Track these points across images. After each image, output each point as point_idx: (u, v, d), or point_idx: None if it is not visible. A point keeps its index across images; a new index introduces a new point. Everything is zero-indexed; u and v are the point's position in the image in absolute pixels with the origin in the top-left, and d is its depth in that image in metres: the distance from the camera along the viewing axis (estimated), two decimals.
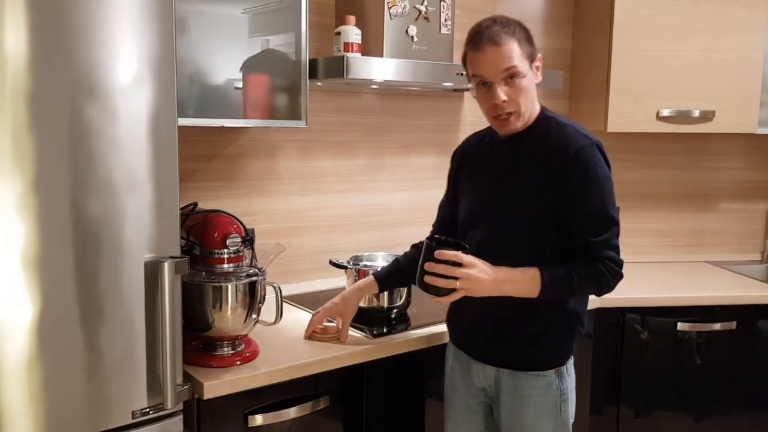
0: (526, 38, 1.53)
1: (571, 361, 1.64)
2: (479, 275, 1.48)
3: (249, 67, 1.79)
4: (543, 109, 1.61)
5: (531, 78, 1.54)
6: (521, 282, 1.51)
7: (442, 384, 1.78)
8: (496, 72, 1.50)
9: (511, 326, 1.59)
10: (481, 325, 1.63)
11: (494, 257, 1.52)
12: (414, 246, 1.83)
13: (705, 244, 2.96)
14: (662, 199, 2.91)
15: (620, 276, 1.55)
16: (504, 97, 1.51)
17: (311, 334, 1.79)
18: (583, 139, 1.52)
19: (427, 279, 1.49)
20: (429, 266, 1.48)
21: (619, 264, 1.54)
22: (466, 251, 1.50)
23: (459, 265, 1.47)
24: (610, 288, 1.56)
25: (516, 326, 1.59)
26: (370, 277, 1.82)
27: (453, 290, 1.48)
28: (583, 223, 1.51)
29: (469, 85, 1.60)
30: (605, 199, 1.52)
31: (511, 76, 1.50)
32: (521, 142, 1.59)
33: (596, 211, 1.51)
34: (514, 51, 1.50)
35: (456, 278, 1.46)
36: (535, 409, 1.59)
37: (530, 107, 1.56)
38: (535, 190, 1.54)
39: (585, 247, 1.52)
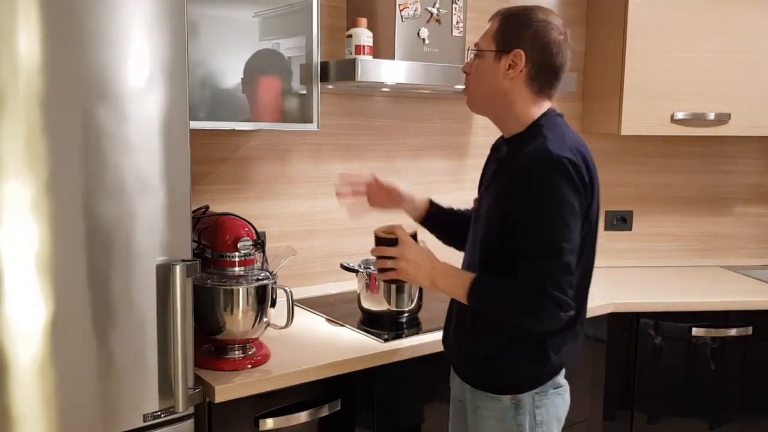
0: (516, 27, 1.43)
1: (544, 395, 1.48)
2: (412, 257, 1.47)
3: (259, 69, 1.78)
4: (543, 116, 1.47)
5: (489, 65, 1.45)
6: (453, 279, 1.46)
7: None
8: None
9: (468, 340, 1.52)
10: (450, 335, 1.59)
11: (464, 262, 1.56)
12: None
13: (720, 248, 2.93)
14: (677, 203, 2.89)
15: (557, 319, 1.35)
16: (464, 68, 1.52)
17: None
18: (545, 153, 1.35)
19: (376, 263, 1.54)
20: (374, 250, 1.54)
21: (560, 304, 1.33)
22: (413, 237, 1.52)
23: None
24: (542, 326, 1.40)
25: (471, 340, 1.51)
26: (426, 197, 1.76)
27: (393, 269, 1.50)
28: (524, 248, 1.36)
29: None
30: (551, 226, 1.34)
31: (474, 51, 1.49)
32: (508, 147, 1.50)
33: (539, 238, 1.35)
34: (490, 30, 1.47)
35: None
36: (492, 429, 1.49)
37: (482, 95, 1.50)
38: (498, 202, 1.44)
39: (525, 274, 1.36)
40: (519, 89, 1.45)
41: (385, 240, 1.51)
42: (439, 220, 1.76)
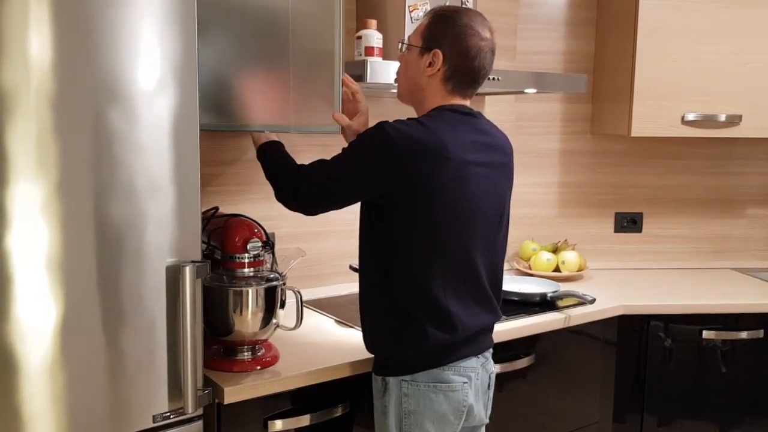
0: (440, 28, 1.50)
1: (414, 385, 1.51)
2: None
3: (275, 70, 1.78)
4: (434, 109, 1.55)
5: (413, 60, 1.55)
6: (261, 142, 1.70)
7: None
8: None
9: (363, 320, 1.67)
10: None
11: None
12: None
13: (731, 250, 2.91)
14: (687, 205, 2.87)
15: (286, 199, 1.60)
16: (399, 57, 1.63)
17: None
18: (378, 125, 1.49)
19: None
20: None
21: (295, 191, 1.56)
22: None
23: None
24: (276, 193, 1.61)
25: (363, 320, 1.66)
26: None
27: None
28: None
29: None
30: (339, 158, 1.53)
31: (405, 44, 1.60)
32: None
33: (330, 159, 1.55)
34: (420, 26, 1.55)
35: None
36: (375, 408, 1.61)
37: (406, 87, 1.61)
38: None
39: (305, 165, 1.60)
40: (435, 87, 1.55)
41: None
42: None
